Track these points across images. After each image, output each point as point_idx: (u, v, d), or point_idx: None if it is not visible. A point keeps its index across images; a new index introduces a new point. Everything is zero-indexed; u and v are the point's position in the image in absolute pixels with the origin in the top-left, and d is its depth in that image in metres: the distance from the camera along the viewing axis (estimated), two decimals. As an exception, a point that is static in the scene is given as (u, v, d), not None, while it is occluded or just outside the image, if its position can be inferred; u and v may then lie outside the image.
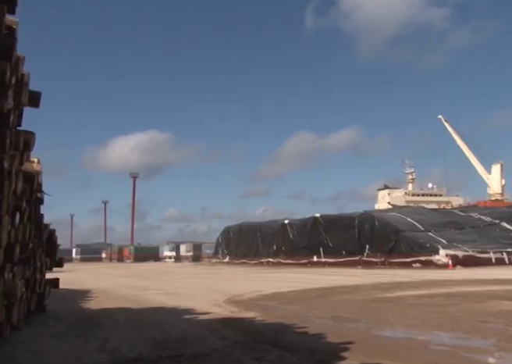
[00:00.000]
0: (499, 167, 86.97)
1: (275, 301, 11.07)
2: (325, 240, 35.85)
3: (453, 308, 8.83)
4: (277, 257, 40.80)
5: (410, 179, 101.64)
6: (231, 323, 7.42)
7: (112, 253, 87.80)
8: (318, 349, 5.33)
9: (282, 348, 5.38)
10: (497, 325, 6.88)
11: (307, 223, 39.02)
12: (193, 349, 5.41)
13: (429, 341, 5.84)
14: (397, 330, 6.78)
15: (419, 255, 27.79)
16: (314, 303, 10.40)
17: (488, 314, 7.97)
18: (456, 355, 4.99)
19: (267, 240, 43.72)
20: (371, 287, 14.49)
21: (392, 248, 30.01)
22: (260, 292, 13.37)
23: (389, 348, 5.36)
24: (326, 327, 6.89)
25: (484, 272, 21.23)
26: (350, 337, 5.89)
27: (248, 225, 49.90)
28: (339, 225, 35.42)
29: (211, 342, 5.87)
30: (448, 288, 13.34)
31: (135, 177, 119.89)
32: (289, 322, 7.43)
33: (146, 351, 5.35)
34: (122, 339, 6.24)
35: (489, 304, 9.40)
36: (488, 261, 26.55)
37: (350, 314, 8.40)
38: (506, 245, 28.51)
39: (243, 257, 46.04)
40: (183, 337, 6.30)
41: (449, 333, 6.39)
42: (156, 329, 7.05)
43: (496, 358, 5.00)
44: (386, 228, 31.37)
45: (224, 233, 53.22)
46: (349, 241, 33.68)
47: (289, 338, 6.10)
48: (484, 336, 6.06)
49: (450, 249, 26.89)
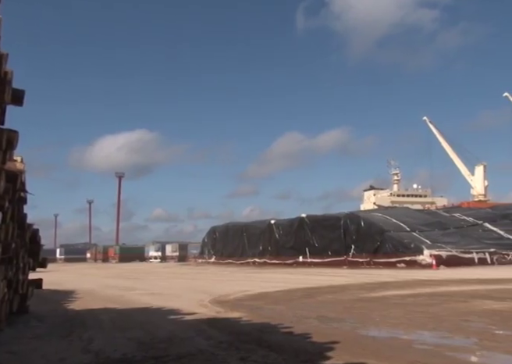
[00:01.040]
0: (482, 168, 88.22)
1: (260, 301, 11.07)
2: (311, 240, 35.98)
3: (436, 308, 8.93)
4: (263, 257, 40.82)
5: (395, 180, 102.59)
6: (216, 323, 7.41)
7: (96, 253, 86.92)
8: (304, 349, 5.34)
9: (267, 348, 5.39)
10: (479, 324, 6.98)
11: (293, 223, 39.12)
12: (179, 350, 5.39)
13: (413, 340, 5.90)
14: (382, 330, 6.83)
15: (404, 255, 28.06)
16: (299, 303, 10.43)
17: (470, 313, 8.08)
18: (439, 353, 5.05)
19: (253, 241, 43.72)
20: (356, 287, 14.58)
21: (378, 248, 30.25)
22: (246, 292, 13.37)
23: (373, 348, 5.40)
24: (312, 327, 6.92)
25: (467, 272, 21.51)
26: (335, 337, 5.92)
27: (234, 225, 49.85)
28: (325, 225, 35.59)
29: (196, 342, 5.85)
30: (432, 288, 13.49)
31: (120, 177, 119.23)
32: (275, 322, 7.44)
33: (130, 352, 5.31)
34: (107, 340, 6.19)
35: (472, 303, 9.53)
36: (471, 261, 26.92)
37: (336, 314, 8.44)
38: (489, 245, 28.93)
39: (229, 257, 45.96)
40: (168, 337, 6.26)
41: (433, 332, 6.46)
42: (141, 329, 7.00)
43: (477, 357, 5.07)
44: (372, 228, 31.60)
45: (210, 234, 53.07)
46: (335, 241, 33.85)
47: (274, 338, 6.11)
48: (466, 335, 6.14)
49: (434, 249, 27.20)
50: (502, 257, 27.98)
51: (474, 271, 21.85)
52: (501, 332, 6.29)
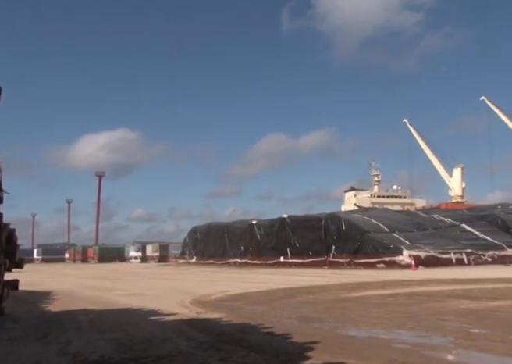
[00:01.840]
0: (460, 170, 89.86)
1: (241, 301, 11.07)
2: (292, 240, 36.10)
3: (415, 307, 9.05)
4: (244, 257, 40.81)
5: (376, 181, 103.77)
6: (197, 324, 7.38)
7: (75, 253, 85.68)
8: (284, 349, 5.36)
9: (248, 349, 5.39)
10: (456, 323, 7.10)
11: (274, 223, 39.20)
12: (158, 351, 5.35)
13: (392, 340, 5.98)
14: (361, 329, 6.89)
15: (383, 255, 28.37)
16: (280, 303, 10.46)
17: (447, 313, 8.22)
18: (416, 352, 5.12)
19: (234, 241, 43.67)
20: (336, 287, 14.69)
21: (358, 248, 30.52)
22: (226, 293, 13.35)
23: (352, 347, 5.45)
24: (292, 327, 6.94)
25: (445, 272, 21.87)
26: (316, 337, 5.96)
27: (216, 225, 49.72)
28: (306, 226, 35.75)
29: (176, 343, 5.81)
30: (411, 288, 13.67)
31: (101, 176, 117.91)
32: (256, 322, 7.45)
33: (109, 354, 5.25)
34: (85, 341, 6.10)
35: (449, 303, 9.69)
36: (449, 261, 27.38)
37: (316, 314, 8.49)
38: (466, 246, 29.47)
39: (210, 257, 45.81)
40: (147, 338, 6.21)
41: (411, 331, 6.56)
42: (120, 331, 6.93)
43: (453, 356, 5.16)
44: (352, 229, 31.87)
45: (191, 234, 52.82)
46: (315, 242, 34.03)
47: (255, 338, 6.11)
48: (443, 334, 6.25)
49: (413, 250, 27.57)
50: (478, 257, 28.52)
51: (451, 271, 22.22)
52: (476, 331, 6.42)
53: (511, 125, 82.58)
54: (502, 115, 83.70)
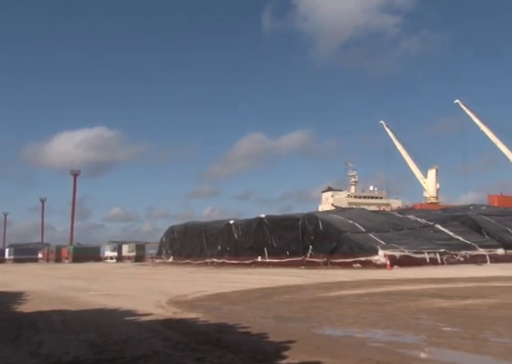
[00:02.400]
0: (435, 172, 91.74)
1: (218, 301, 11.05)
2: (269, 240, 36.17)
3: (389, 307, 9.19)
4: (222, 257, 40.68)
5: (352, 181, 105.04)
6: (173, 324, 7.33)
7: (49, 253, 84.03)
8: (260, 349, 5.37)
9: (224, 349, 5.38)
10: (429, 322, 7.25)
11: (252, 223, 39.20)
12: (133, 351, 5.30)
13: (367, 338, 6.06)
14: (337, 329, 6.97)
15: (359, 255, 28.67)
16: (257, 303, 10.48)
17: (421, 311, 8.38)
18: (390, 351, 5.21)
19: (212, 241, 43.49)
20: (313, 287, 14.79)
21: (335, 248, 30.77)
22: (203, 292, 13.30)
23: (328, 346, 5.50)
24: (269, 327, 6.97)
25: (418, 271, 22.26)
26: (292, 336, 5.99)
27: (193, 225, 49.40)
28: (284, 226, 35.86)
29: (151, 344, 5.76)
30: (386, 287, 13.87)
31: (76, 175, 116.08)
32: (232, 322, 7.44)
33: (83, 355, 5.17)
34: (58, 342, 6.00)
35: (423, 302, 9.87)
36: (423, 261, 27.85)
37: (293, 313, 8.54)
38: (439, 246, 30.04)
39: (187, 257, 45.51)
40: (122, 339, 6.14)
41: (386, 330, 6.66)
42: (94, 331, 6.83)
43: (426, 353, 5.27)
44: (329, 229, 32.12)
45: (168, 233, 52.37)
46: (293, 242, 34.17)
47: (231, 338, 6.11)
48: (416, 332, 6.37)
49: (388, 250, 27.95)
50: (451, 257, 29.09)
51: (425, 271, 22.64)
52: (448, 329, 6.56)
53: (483, 128, 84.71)
54: (475, 118, 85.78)
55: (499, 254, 30.35)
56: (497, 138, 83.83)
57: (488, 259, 29.18)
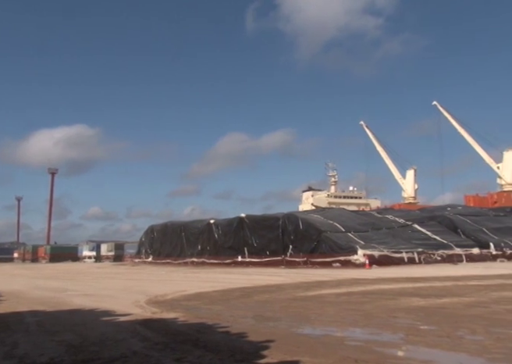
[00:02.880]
0: (413, 172, 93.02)
1: (198, 301, 11.00)
2: (249, 240, 36.19)
3: (368, 305, 9.29)
4: (202, 257, 40.52)
5: (332, 181, 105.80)
6: (152, 324, 7.27)
7: (25, 253, 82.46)
8: (240, 348, 5.37)
9: (203, 348, 5.36)
10: (406, 320, 7.35)
11: (232, 222, 39.15)
12: (111, 352, 5.23)
13: (345, 337, 6.11)
14: (316, 328, 7.01)
15: (339, 255, 28.91)
16: (237, 303, 10.47)
17: (399, 310, 8.49)
18: (368, 349, 5.26)
19: (192, 240, 43.28)
20: (293, 286, 14.85)
21: (314, 248, 30.96)
22: (183, 292, 13.22)
23: (307, 345, 5.53)
24: (248, 326, 6.96)
25: (397, 271, 22.56)
26: (271, 336, 6.00)
27: (173, 224, 49.07)
28: (264, 225, 35.92)
29: (130, 344, 5.70)
30: (364, 286, 14.01)
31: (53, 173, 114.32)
32: (212, 322, 7.42)
33: (59, 356, 5.08)
34: (33, 344, 5.88)
35: (400, 300, 10.01)
36: (401, 260, 28.25)
37: (272, 313, 8.55)
38: (417, 245, 30.52)
39: (167, 257, 45.19)
40: (100, 339, 6.06)
41: (364, 329, 6.73)
42: (71, 332, 6.72)
43: (403, 351, 5.34)
44: (309, 229, 32.29)
45: (148, 233, 51.92)
46: (273, 241, 34.26)
47: (211, 338, 6.09)
48: (394, 331, 6.45)
49: (367, 249, 28.25)
50: (428, 256, 29.57)
51: (403, 270, 22.95)
52: (425, 327, 6.67)
53: (460, 129, 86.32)
54: (452, 120, 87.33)
55: (475, 253, 30.98)
56: (473, 140, 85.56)
57: (464, 258, 29.77)
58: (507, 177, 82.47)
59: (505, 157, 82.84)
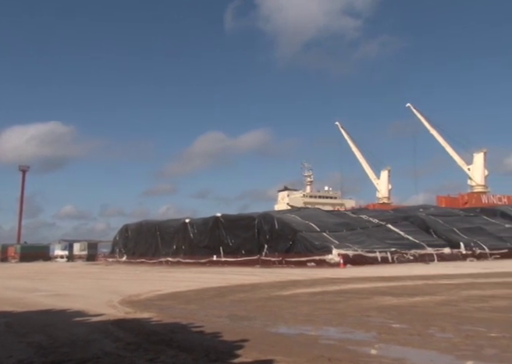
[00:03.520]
0: (387, 173, 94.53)
1: (172, 300, 10.91)
2: (225, 239, 36.12)
3: (341, 305, 9.39)
4: (177, 256, 40.23)
5: (308, 181, 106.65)
6: (125, 324, 7.17)
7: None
8: (214, 348, 5.35)
9: (177, 348, 5.32)
10: (379, 319, 7.46)
11: (208, 222, 39.00)
12: (82, 353, 5.14)
13: (319, 336, 6.16)
14: (291, 327, 7.04)
15: (314, 254, 29.13)
16: (211, 302, 10.43)
17: (372, 309, 8.62)
18: (342, 348, 5.32)
19: (167, 239, 42.92)
20: (268, 286, 14.88)
21: (290, 247, 31.11)
22: (157, 292, 13.10)
23: (282, 345, 5.55)
24: (223, 326, 6.95)
25: (370, 270, 22.88)
26: (246, 335, 6.00)
27: (148, 223, 48.56)
28: (240, 225, 35.91)
29: (102, 345, 5.61)
30: (339, 286, 14.16)
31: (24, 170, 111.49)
32: (186, 321, 7.37)
33: (28, 358, 4.96)
34: (1, 346, 5.73)
35: (374, 299, 10.15)
36: (375, 260, 28.66)
37: (247, 312, 8.56)
38: (391, 245, 31.02)
39: (141, 256, 44.69)
40: (71, 340, 5.95)
41: (338, 327, 6.79)
42: (41, 333, 6.57)
43: (376, 350, 5.42)
44: (284, 228, 32.43)
45: (122, 232, 51.24)
46: (248, 241, 34.28)
47: (185, 338, 6.05)
48: (367, 329, 6.54)
49: (342, 249, 28.56)
50: (401, 256, 30.09)
51: (376, 269, 23.30)
52: (397, 325, 6.78)
53: (433, 131, 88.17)
54: (425, 122, 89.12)
55: (446, 253, 31.68)
56: (446, 142, 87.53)
57: (435, 258, 30.40)
58: (477, 179, 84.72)
59: (475, 159, 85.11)
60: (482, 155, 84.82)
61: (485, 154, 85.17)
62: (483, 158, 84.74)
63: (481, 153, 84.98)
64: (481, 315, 7.65)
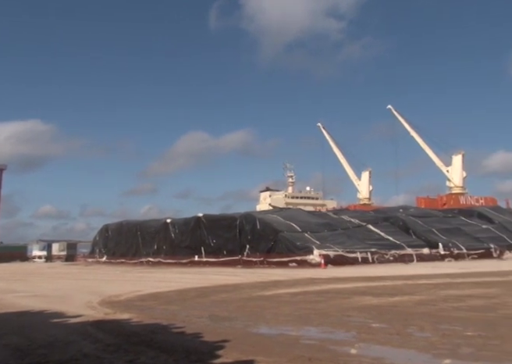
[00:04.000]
0: (368, 174, 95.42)
1: (153, 301, 10.83)
2: (206, 239, 35.99)
3: (322, 304, 9.45)
4: (158, 256, 39.92)
5: (290, 182, 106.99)
6: (104, 326, 7.09)
7: (-31, 253, 78.34)
8: (194, 349, 5.33)
9: (158, 349, 5.28)
10: (359, 318, 7.53)
11: (189, 222, 38.82)
12: (60, 355, 5.06)
13: (300, 336, 6.19)
14: (272, 327, 7.06)
15: (295, 254, 29.23)
16: (193, 303, 10.39)
17: (352, 309, 8.70)
18: (322, 348, 5.35)
19: (148, 239, 42.57)
20: (249, 286, 14.89)
21: (271, 247, 31.17)
22: (138, 292, 12.98)
23: (263, 345, 5.56)
24: (204, 326, 6.93)
25: (351, 270, 23.08)
26: (227, 336, 5.99)
27: (129, 223, 48.09)
28: (222, 225, 35.83)
29: (81, 346, 5.54)
30: (320, 286, 14.25)
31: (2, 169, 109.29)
32: (167, 322, 7.33)
33: (3, 360, 4.87)
34: (-23, 348, 5.61)
35: (354, 299, 10.25)
36: (356, 260, 28.91)
37: (228, 313, 8.55)
38: (371, 246, 31.34)
39: (122, 256, 44.22)
40: (49, 342, 5.85)
41: (319, 327, 6.83)
42: (18, 335, 6.46)
43: (356, 349, 5.47)
44: (266, 229, 32.48)
45: (102, 232, 50.63)
46: (230, 241, 34.23)
47: (165, 339, 6.01)
48: (347, 329, 6.60)
49: (323, 249, 28.73)
50: (381, 256, 30.42)
51: (357, 269, 23.51)
52: (377, 325, 6.85)
53: (413, 133, 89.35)
54: (405, 124, 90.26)
55: (425, 253, 32.15)
56: (425, 144, 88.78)
57: (414, 258, 30.81)
58: (456, 180, 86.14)
59: (454, 161, 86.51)
60: (461, 157, 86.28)
61: (463, 156, 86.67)
62: (461, 161, 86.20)
63: (460, 155, 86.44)
64: (458, 314, 7.79)
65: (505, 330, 6.27)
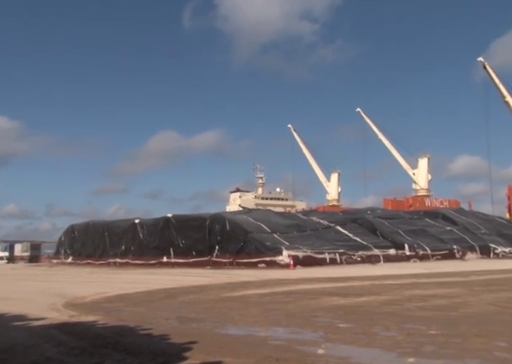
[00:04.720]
0: (337, 176, 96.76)
1: (119, 302, 10.65)
2: (176, 240, 35.65)
3: (291, 305, 9.51)
4: (125, 257, 39.28)
5: (260, 183, 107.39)
6: (69, 328, 6.93)
7: None
8: (161, 350, 5.27)
9: (124, 352, 5.20)
10: (326, 318, 7.62)
11: (158, 222, 38.36)
12: (21, 359, 4.92)
13: (268, 337, 6.21)
14: (240, 328, 7.05)
15: (264, 255, 29.29)
16: (160, 304, 10.27)
17: (320, 309, 8.79)
18: (290, 348, 5.39)
19: (115, 240, 41.83)
20: (218, 287, 14.84)
21: (241, 248, 31.15)
22: (104, 294, 12.74)
23: (230, 346, 5.55)
24: (171, 328, 6.86)
25: (319, 271, 23.31)
26: (194, 337, 5.95)
27: (95, 223, 47.14)
28: (191, 225, 35.57)
29: (43, 350, 5.39)
30: (288, 286, 14.33)
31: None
32: (134, 324, 7.22)
33: (-38, 366, 4.69)
34: None
35: (322, 300, 10.36)
36: (324, 261, 29.19)
37: (196, 314, 8.49)
38: (339, 246, 31.73)
39: (88, 257, 43.30)
40: (9, 346, 5.67)
41: (286, 328, 6.88)
42: (-23, 339, 6.23)
43: (322, 349, 5.54)
44: (236, 229, 32.43)
45: (68, 232, 49.45)
46: (199, 242, 34.01)
47: (132, 341, 5.92)
48: (315, 329, 6.66)
49: (292, 250, 28.89)
50: (349, 257, 30.83)
51: (325, 270, 23.77)
52: (344, 325, 6.95)
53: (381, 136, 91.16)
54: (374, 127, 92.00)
55: (391, 254, 32.80)
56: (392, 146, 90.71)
57: (381, 259, 31.38)
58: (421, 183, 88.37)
59: (420, 164, 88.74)
60: (426, 161, 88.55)
61: (428, 159, 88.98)
62: (427, 164, 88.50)
63: (425, 158, 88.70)
64: (422, 313, 7.98)
65: (466, 328, 6.47)
